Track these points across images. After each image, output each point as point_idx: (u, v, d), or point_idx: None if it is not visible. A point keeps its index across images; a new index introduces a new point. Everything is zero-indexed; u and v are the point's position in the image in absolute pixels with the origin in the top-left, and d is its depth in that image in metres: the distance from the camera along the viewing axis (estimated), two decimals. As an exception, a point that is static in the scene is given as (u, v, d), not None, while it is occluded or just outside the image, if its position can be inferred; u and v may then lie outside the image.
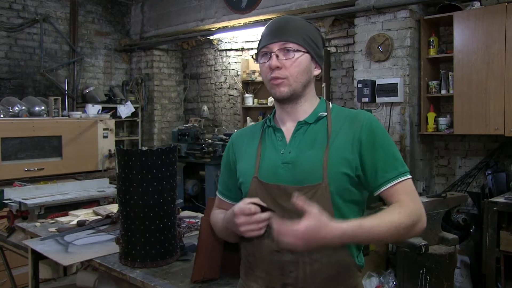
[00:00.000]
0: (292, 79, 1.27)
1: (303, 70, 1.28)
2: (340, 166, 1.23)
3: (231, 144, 1.45)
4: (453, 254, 2.90)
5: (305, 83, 1.30)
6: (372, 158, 1.24)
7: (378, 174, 1.23)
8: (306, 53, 1.28)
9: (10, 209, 2.77)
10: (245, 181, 1.33)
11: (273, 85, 1.29)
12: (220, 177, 1.49)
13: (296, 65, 1.27)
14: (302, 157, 1.25)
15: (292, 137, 1.30)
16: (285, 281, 1.24)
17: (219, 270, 1.67)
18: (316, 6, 4.68)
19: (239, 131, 1.49)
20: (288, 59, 1.26)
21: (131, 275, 1.75)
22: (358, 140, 1.24)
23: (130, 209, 1.81)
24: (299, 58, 1.27)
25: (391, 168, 1.23)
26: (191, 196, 5.71)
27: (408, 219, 1.17)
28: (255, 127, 1.43)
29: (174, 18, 6.07)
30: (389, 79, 4.13)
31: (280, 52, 1.27)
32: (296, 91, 1.29)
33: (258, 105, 5.85)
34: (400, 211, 1.17)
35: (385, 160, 1.24)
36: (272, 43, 1.27)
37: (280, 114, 1.36)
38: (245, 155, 1.37)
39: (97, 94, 6.00)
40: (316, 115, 1.31)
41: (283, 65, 1.26)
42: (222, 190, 1.47)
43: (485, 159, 4.14)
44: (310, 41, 1.29)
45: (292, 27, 1.29)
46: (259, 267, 1.28)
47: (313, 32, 1.31)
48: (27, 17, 5.56)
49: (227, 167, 1.45)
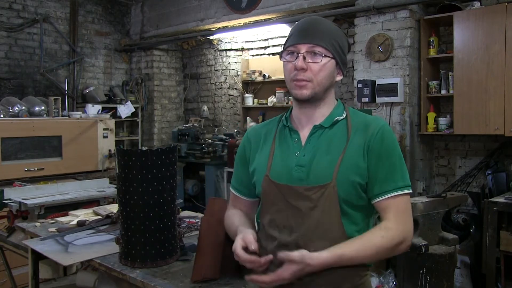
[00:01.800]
0: (316, 82, 1.27)
1: (328, 75, 1.29)
2: (350, 173, 1.24)
3: (247, 140, 1.46)
4: (453, 254, 2.90)
5: (327, 88, 1.31)
6: (375, 166, 1.25)
7: (376, 184, 1.25)
8: (333, 59, 1.28)
9: (10, 209, 2.76)
10: (258, 179, 1.36)
11: (296, 86, 1.28)
12: (234, 172, 1.50)
13: (321, 70, 1.27)
14: (316, 162, 1.27)
15: (307, 140, 1.31)
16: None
17: (219, 270, 1.66)
18: (316, 6, 4.68)
19: (255, 128, 1.49)
20: (314, 62, 1.26)
21: (131, 275, 1.75)
22: (368, 147, 1.26)
23: (130, 209, 1.81)
24: (326, 63, 1.27)
25: (390, 180, 1.24)
26: (191, 196, 5.71)
27: (390, 242, 1.20)
28: (270, 124, 1.44)
29: (174, 18, 6.07)
30: (389, 79, 4.13)
31: (308, 54, 1.26)
32: (317, 95, 1.29)
33: (258, 105, 5.85)
34: (383, 235, 1.20)
35: (386, 171, 1.25)
36: (300, 44, 1.27)
37: (297, 115, 1.36)
38: (260, 153, 1.38)
39: (97, 94, 6.00)
40: (332, 119, 1.32)
41: (309, 67, 1.26)
42: (236, 186, 1.49)
43: (485, 159, 4.14)
44: (338, 46, 1.29)
45: (322, 30, 1.28)
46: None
47: (341, 38, 1.31)
48: (27, 17, 5.56)
49: (242, 163, 1.46)
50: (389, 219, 1.23)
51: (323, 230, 1.23)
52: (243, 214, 1.46)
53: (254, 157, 1.40)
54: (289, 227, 1.27)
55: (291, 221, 1.26)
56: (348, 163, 1.24)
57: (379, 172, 1.25)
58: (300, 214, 1.25)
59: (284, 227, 1.27)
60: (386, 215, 1.24)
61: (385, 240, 1.20)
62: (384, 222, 1.24)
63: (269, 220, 1.32)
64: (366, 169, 1.25)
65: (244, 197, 1.47)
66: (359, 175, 1.25)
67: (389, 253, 1.23)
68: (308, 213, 1.24)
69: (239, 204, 1.49)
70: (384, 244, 1.20)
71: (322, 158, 1.26)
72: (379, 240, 1.20)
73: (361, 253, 1.19)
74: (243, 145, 1.47)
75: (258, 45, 5.93)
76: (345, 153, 1.25)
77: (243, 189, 1.46)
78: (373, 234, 1.22)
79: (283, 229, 1.28)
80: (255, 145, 1.42)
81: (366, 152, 1.26)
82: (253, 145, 1.42)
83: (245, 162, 1.44)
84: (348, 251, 1.18)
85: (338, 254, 1.17)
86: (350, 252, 1.18)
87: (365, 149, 1.26)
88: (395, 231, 1.21)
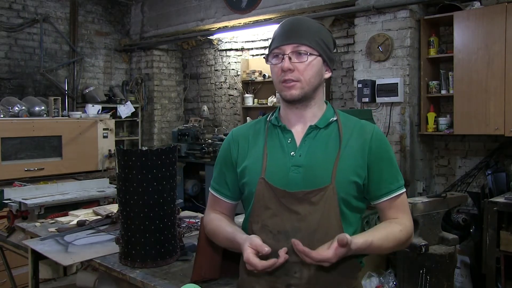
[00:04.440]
0: (304, 82, 1.26)
1: (315, 73, 1.28)
2: (349, 174, 1.25)
3: (232, 140, 1.40)
4: (453, 254, 2.90)
5: (316, 86, 1.30)
6: (378, 168, 1.27)
7: (382, 184, 1.28)
8: (319, 57, 1.27)
9: (10, 209, 2.76)
10: (250, 181, 1.31)
11: (284, 87, 1.27)
12: (217, 173, 1.44)
13: (308, 69, 1.26)
14: (313, 161, 1.25)
15: (302, 140, 1.29)
16: (289, 281, 1.24)
17: (219, 270, 1.66)
18: (316, 6, 4.68)
19: (241, 128, 1.44)
20: (300, 62, 1.25)
21: (131, 275, 1.75)
22: (368, 149, 1.27)
23: (130, 209, 1.81)
24: (312, 61, 1.26)
25: (394, 180, 1.29)
26: (191, 196, 5.71)
27: (406, 236, 1.26)
28: (258, 125, 1.40)
29: (174, 18, 6.07)
30: (389, 79, 4.13)
31: (293, 54, 1.25)
32: (307, 94, 1.28)
33: (258, 105, 5.86)
34: (401, 229, 1.26)
35: (390, 172, 1.29)
36: (285, 45, 1.26)
37: (286, 115, 1.34)
38: (250, 154, 1.34)
39: (97, 94, 6.00)
40: (327, 120, 1.31)
41: (295, 67, 1.25)
42: (218, 187, 1.42)
43: (485, 159, 4.14)
44: (323, 44, 1.28)
45: (306, 28, 1.27)
46: None
47: (325, 35, 1.30)
48: (27, 17, 5.56)
49: (227, 164, 1.40)
50: (400, 217, 1.29)
51: (322, 233, 1.22)
52: (229, 219, 1.41)
53: (243, 158, 1.35)
54: (284, 232, 1.23)
55: (286, 226, 1.23)
56: (345, 164, 1.25)
57: (383, 172, 1.27)
58: (297, 218, 1.23)
59: (279, 233, 1.24)
60: (394, 213, 1.29)
61: (403, 234, 1.25)
62: (396, 218, 1.28)
63: (261, 226, 1.27)
64: (365, 169, 1.26)
65: (226, 199, 1.41)
66: (357, 176, 1.25)
67: (402, 246, 1.29)
68: (306, 216, 1.22)
69: (219, 207, 1.43)
70: (401, 237, 1.25)
71: (319, 159, 1.26)
72: (398, 233, 1.24)
73: (385, 243, 1.21)
74: (227, 146, 1.40)
75: (258, 45, 5.94)
76: (341, 154, 1.25)
77: (225, 191, 1.40)
78: (393, 227, 1.25)
79: (277, 234, 1.24)
80: (243, 145, 1.36)
81: (367, 154, 1.27)
82: (241, 146, 1.37)
83: (231, 164, 1.38)
84: (376, 240, 1.19)
85: (369, 241, 1.17)
86: (377, 241, 1.19)
87: (364, 151, 1.27)
88: (409, 227, 1.28)
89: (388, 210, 1.29)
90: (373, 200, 1.31)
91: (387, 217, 1.30)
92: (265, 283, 1.28)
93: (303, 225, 1.22)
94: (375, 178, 1.27)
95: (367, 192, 1.29)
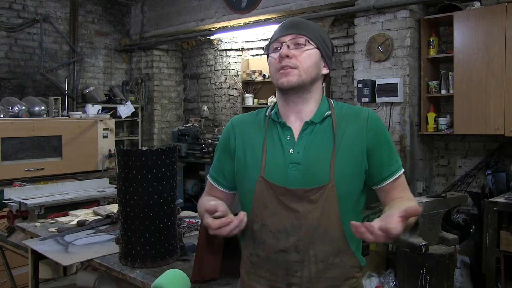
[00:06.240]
0: (302, 69, 1.26)
1: (313, 63, 1.28)
2: (347, 168, 1.24)
3: (232, 129, 1.38)
4: (453, 254, 2.90)
5: (314, 78, 1.29)
6: (379, 151, 1.28)
7: (384, 167, 1.28)
8: (316, 49, 1.29)
9: (10, 209, 2.76)
10: (248, 177, 1.30)
11: (282, 74, 1.26)
12: (215, 161, 1.43)
13: (306, 56, 1.26)
14: (311, 158, 1.25)
15: (299, 137, 1.28)
16: (290, 280, 1.24)
17: (219, 270, 1.66)
18: (316, 6, 4.68)
19: (241, 117, 1.43)
20: (299, 49, 1.26)
21: (131, 275, 1.75)
22: (365, 136, 1.27)
23: (130, 209, 1.81)
24: (310, 51, 1.27)
25: (394, 161, 1.30)
26: (191, 196, 5.70)
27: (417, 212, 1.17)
28: (258, 117, 1.38)
29: (174, 18, 6.07)
30: (389, 79, 4.13)
31: (291, 42, 1.27)
32: (304, 83, 1.27)
33: (258, 105, 5.85)
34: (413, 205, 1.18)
35: (389, 154, 1.29)
36: (283, 36, 1.28)
37: (284, 111, 1.33)
38: (249, 147, 1.32)
39: (97, 94, 6.00)
40: (322, 114, 1.30)
41: (293, 55, 1.26)
42: (216, 176, 1.42)
43: (485, 159, 4.14)
44: (321, 39, 1.30)
45: (305, 24, 1.31)
46: (263, 267, 1.28)
47: (324, 34, 1.33)
48: (27, 17, 5.56)
49: (225, 152, 1.38)
50: (405, 194, 1.29)
51: (322, 231, 1.22)
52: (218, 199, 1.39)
53: (243, 150, 1.33)
54: (284, 231, 1.23)
55: (286, 224, 1.23)
56: (343, 158, 1.24)
57: (384, 155, 1.28)
58: (296, 216, 1.22)
59: (279, 232, 1.24)
60: (399, 192, 1.29)
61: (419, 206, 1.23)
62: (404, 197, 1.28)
63: (260, 225, 1.27)
64: (365, 156, 1.26)
65: (222, 188, 1.41)
66: (356, 167, 1.25)
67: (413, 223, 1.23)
68: (306, 214, 1.22)
69: (215, 194, 1.43)
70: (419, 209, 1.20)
71: (316, 156, 1.25)
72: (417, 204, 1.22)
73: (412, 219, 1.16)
74: (227, 134, 1.39)
75: (258, 45, 5.93)
76: (338, 149, 1.24)
77: (222, 180, 1.40)
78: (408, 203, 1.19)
79: (277, 233, 1.24)
80: (243, 136, 1.35)
81: (365, 140, 1.26)
82: (241, 136, 1.35)
83: (229, 152, 1.37)
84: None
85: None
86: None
87: (363, 137, 1.26)
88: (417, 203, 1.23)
89: (393, 191, 1.29)
90: (376, 184, 1.30)
91: (393, 197, 1.29)
92: (265, 283, 1.28)
93: (303, 223, 1.22)
94: (375, 162, 1.27)
95: (368, 177, 1.28)
